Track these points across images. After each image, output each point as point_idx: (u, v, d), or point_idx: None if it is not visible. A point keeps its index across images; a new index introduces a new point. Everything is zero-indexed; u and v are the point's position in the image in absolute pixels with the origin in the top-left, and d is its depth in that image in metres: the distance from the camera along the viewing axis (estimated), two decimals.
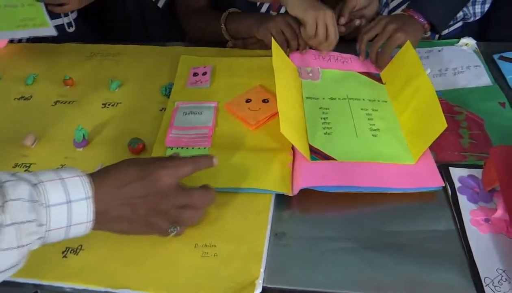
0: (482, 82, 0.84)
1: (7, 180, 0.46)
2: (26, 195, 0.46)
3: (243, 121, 0.79)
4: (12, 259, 0.45)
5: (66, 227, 0.49)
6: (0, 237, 0.43)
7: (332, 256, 0.60)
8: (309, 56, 0.90)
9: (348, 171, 0.67)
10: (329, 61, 0.90)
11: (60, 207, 0.48)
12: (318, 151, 0.71)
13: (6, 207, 0.44)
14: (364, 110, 0.79)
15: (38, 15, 0.94)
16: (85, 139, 0.76)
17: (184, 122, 0.79)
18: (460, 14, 0.98)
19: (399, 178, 0.67)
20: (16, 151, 0.77)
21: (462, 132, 0.74)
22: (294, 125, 0.72)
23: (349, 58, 0.91)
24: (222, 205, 0.66)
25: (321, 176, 0.67)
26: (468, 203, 0.65)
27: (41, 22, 0.94)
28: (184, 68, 0.92)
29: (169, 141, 0.75)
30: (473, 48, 0.92)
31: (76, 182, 0.50)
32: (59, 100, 0.89)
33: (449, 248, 0.61)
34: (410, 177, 0.67)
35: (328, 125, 0.76)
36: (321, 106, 0.80)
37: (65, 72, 0.94)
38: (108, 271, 0.59)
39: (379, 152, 0.71)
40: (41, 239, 0.48)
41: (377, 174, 0.67)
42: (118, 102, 0.87)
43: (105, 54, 1.00)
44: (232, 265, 0.59)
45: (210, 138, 0.76)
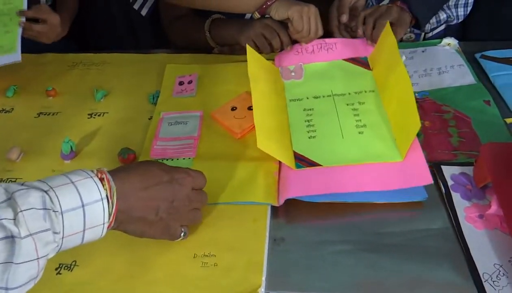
0: (466, 81, 0.85)
1: (17, 190, 0.44)
2: (39, 203, 0.44)
3: (228, 130, 0.78)
4: (32, 271, 0.43)
5: (82, 232, 0.47)
6: (19, 249, 0.41)
7: (332, 259, 0.60)
8: (291, 51, 0.89)
9: (333, 176, 0.67)
10: (313, 53, 0.88)
11: (75, 211, 0.46)
12: (303, 157, 0.70)
13: (20, 218, 0.42)
14: (350, 105, 0.77)
15: (9, 41, 0.88)
16: (72, 151, 0.74)
17: (169, 133, 0.78)
18: (443, 17, 1.00)
19: (386, 178, 0.66)
20: (1, 165, 0.75)
21: (451, 131, 0.76)
22: (275, 135, 0.71)
23: (334, 43, 0.89)
24: (219, 213, 0.65)
25: (306, 185, 0.66)
26: (462, 200, 0.66)
27: (8, 49, 0.88)
28: (170, 77, 0.91)
29: (154, 153, 0.74)
30: (455, 48, 0.93)
31: (89, 183, 0.48)
32: (43, 112, 0.86)
33: (446, 246, 0.61)
34: (398, 176, 0.66)
35: (313, 128, 0.75)
36: (305, 107, 0.79)
37: (47, 83, 0.91)
38: (104, 286, 0.58)
39: (366, 152, 0.70)
40: (57, 247, 0.46)
41: (364, 177, 0.67)
42: (104, 112, 0.85)
43: (88, 64, 0.98)
44: (233, 274, 0.58)
45: (195, 149, 0.75)
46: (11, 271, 0.41)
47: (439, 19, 1.00)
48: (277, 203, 0.65)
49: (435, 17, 1.00)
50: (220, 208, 0.66)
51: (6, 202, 0.43)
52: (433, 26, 1.01)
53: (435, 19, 1.00)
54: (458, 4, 1.00)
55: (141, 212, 0.53)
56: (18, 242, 0.42)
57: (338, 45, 0.89)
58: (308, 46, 0.88)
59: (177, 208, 0.56)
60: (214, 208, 0.66)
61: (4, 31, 0.88)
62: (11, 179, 0.73)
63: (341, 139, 0.72)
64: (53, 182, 0.47)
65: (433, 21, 1.00)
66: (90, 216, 0.47)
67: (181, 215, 0.58)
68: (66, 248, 0.48)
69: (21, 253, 0.42)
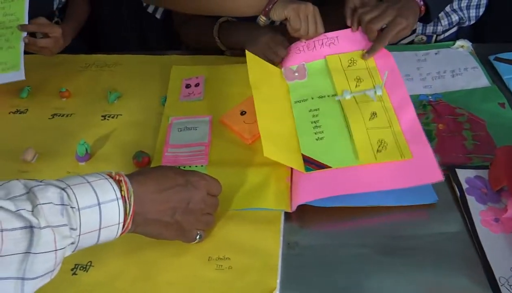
0: (480, 84, 0.85)
1: (35, 185, 0.45)
2: (56, 199, 0.45)
3: (239, 135, 0.77)
4: (49, 263, 0.44)
5: (98, 230, 0.48)
6: (37, 239, 0.42)
7: (346, 263, 0.60)
8: (293, 50, 0.86)
9: (343, 178, 0.66)
10: (314, 49, 0.86)
11: (91, 209, 0.47)
12: (312, 160, 0.70)
13: (39, 210, 0.43)
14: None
15: (12, 58, 0.86)
16: (87, 153, 0.75)
17: (179, 140, 0.77)
18: (455, 19, 0.99)
19: (397, 177, 0.65)
20: (16, 166, 0.75)
21: (466, 134, 0.75)
22: (282, 141, 0.71)
23: (336, 37, 0.85)
24: (233, 217, 0.65)
25: (317, 188, 0.66)
26: (477, 203, 0.65)
27: (11, 66, 0.85)
28: (176, 80, 0.90)
29: (166, 161, 0.74)
30: (469, 50, 0.93)
31: (104, 184, 0.49)
32: (56, 113, 0.87)
33: (461, 250, 0.61)
34: (409, 174, 0.65)
35: (320, 129, 0.74)
36: (310, 108, 0.77)
37: (61, 84, 0.92)
38: (119, 288, 0.58)
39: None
40: (73, 244, 0.47)
41: (374, 177, 0.66)
42: (118, 114, 0.85)
43: (100, 65, 0.99)
44: (248, 277, 0.58)
45: (206, 156, 0.75)
46: (29, 261, 0.42)
47: (451, 21, 0.99)
48: (290, 209, 0.65)
49: (447, 19, 0.99)
50: (234, 212, 0.66)
51: (25, 195, 0.44)
52: (445, 28, 1.01)
53: (447, 21, 0.99)
54: (470, 5, 0.99)
55: (157, 214, 0.54)
56: (37, 232, 0.42)
57: (340, 39, 0.85)
58: (310, 42, 0.86)
59: (192, 210, 0.57)
60: (228, 211, 0.66)
61: (7, 46, 0.86)
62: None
63: (348, 139, 0.71)
64: (70, 181, 0.48)
65: (445, 23, 1.00)
66: (106, 214, 0.48)
67: (196, 218, 0.58)
68: (82, 247, 0.48)
69: (40, 243, 0.42)
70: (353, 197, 0.66)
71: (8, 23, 0.87)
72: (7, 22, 0.87)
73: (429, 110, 0.80)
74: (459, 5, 1.00)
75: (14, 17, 0.87)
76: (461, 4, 1.00)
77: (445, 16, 0.99)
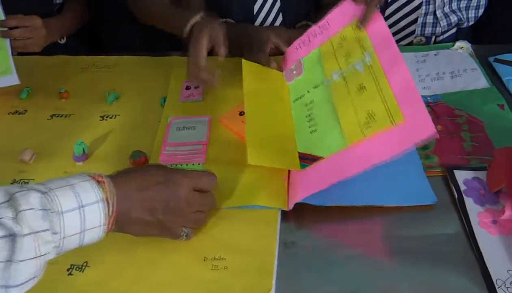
0: (479, 85, 0.85)
1: (17, 191, 0.45)
2: (38, 204, 0.45)
3: (237, 135, 0.77)
4: (32, 269, 0.44)
5: (80, 233, 0.48)
6: (19, 247, 0.42)
7: (343, 263, 0.60)
8: (291, 50, 0.85)
9: (336, 163, 0.64)
10: (310, 43, 0.82)
11: (73, 212, 0.47)
12: (306, 155, 0.68)
13: (21, 216, 0.43)
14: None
15: (1, 62, 0.84)
16: (85, 153, 0.75)
17: (177, 138, 0.78)
18: (454, 20, 0.99)
19: (390, 145, 0.60)
20: (14, 166, 0.76)
21: (464, 136, 0.75)
22: (275, 144, 0.70)
23: (326, 22, 0.80)
24: (229, 216, 0.65)
25: (312, 182, 0.64)
26: (475, 205, 0.65)
27: (2, 71, 0.84)
28: (177, 82, 0.90)
29: (163, 159, 0.74)
30: (468, 52, 0.93)
31: (86, 187, 0.49)
32: (55, 114, 0.87)
33: (459, 251, 0.61)
34: (402, 138, 0.60)
35: (313, 121, 0.72)
36: (306, 102, 0.75)
37: (60, 85, 0.92)
38: (115, 288, 0.58)
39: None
40: (56, 248, 0.47)
41: (367, 152, 0.62)
42: (116, 115, 0.85)
43: (100, 66, 0.99)
44: (244, 277, 0.58)
45: (204, 154, 0.75)
46: (12, 269, 0.42)
47: (450, 22, 0.99)
48: (287, 207, 0.65)
49: (446, 20, 0.99)
50: (230, 211, 0.66)
51: (7, 203, 0.44)
52: (444, 29, 1.00)
53: (446, 22, 0.99)
54: (470, 6, 0.99)
55: (138, 213, 0.54)
56: (20, 240, 0.42)
57: (330, 21, 0.80)
58: (304, 37, 0.83)
59: (174, 209, 0.56)
60: (224, 210, 0.66)
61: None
62: (24, 179, 0.73)
63: (337, 121, 0.68)
64: (52, 184, 0.48)
65: (444, 24, 0.99)
66: (88, 217, 0.48)
67: (181, 216, 0.58)
68: (67, 249, 0.49)
69: (22, 251, 0.42)
70: (351, 196, 0.65)
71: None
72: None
73: (428, 111, 0.80)
74: (458, 6, 1.00)
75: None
76: (460, 5, 0.99)
77: (444, 17, 0.99)
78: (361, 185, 0.67)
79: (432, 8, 0.98)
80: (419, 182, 0.68)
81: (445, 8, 0.97)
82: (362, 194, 0.66)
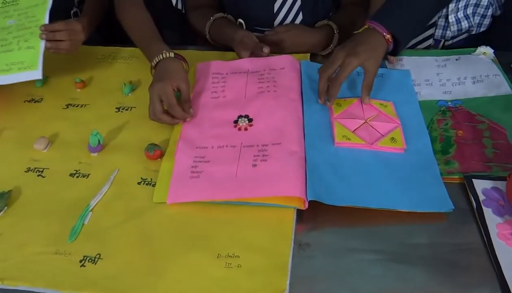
0: (502, 91, 0.83)
1: None
2: None
3: None
4: None
5: None
6: None
7: (359, 268, 0.59)
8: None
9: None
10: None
11: None
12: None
13: None
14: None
15: (30, 58, 0.84)
16: (100, 144, 0.74)
17: None
18: (465, 26, 0.97)
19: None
20: (28, 154, 0.75)
21: (485, 142, 0.73)
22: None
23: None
24: (244, 214, 0.64)
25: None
26: (494, 216, 0.64)
27: (29, 65, 0.84)
28: (192, 76, 0.89)
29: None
30: (491, 57, 0.91)
31: None
32: (71, 104, 0.87)
33: (476, 262, 0.60)
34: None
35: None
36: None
37: (76, 74, 0.92)
38: (127, 281, 0.58)
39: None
40: None
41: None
42: (132, 107, 0.85)
43: (116, 57, 0.98)
44: (257, 276, 0.57)
45: None
46: None
47: (460, 28, 0.97)
48: (303, 206, 0.64)
49: (457, 26, 0.97)
50: (245, 208, 0.65)
51: None
52: (454, 34, 0.98)
53: (456, 27, 0.97)
54: (483, 14, 0.97)
55: None
56: None
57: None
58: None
59: None
60: (239, 208, 0.65)
61: (25, 46, 0.85)
62: (38, 168, 0.73)
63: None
64: None
65: (455, 29, 0.97)
66: None
67: None
68: None
69: None
70: (365, 198, 0.65)
71: (28, 24, 0.88)
72: (27, 23, 0.88)
73: (449, 116, 0.79)
74: (473, 11, 0.97)
75: (35, 18, 0.88)
76: (467, 12, 0.96)
77: (456, 22, 0.96)
78: (376, 188, 0.67)
79: (445, 12, 0.96)
80: (436, 188, 0.67)
81: (459, 14, 0.95)
82: (377, 197, 0.65)
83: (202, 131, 0.77)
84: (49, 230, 0.63)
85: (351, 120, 0.77)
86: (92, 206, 0.67)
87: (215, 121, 0.78)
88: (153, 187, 0.69)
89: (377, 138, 0.74)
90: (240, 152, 0.72)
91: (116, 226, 0.64)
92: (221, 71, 0.89)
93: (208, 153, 0.73)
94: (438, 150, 0.73)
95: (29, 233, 0.63)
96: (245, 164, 0.70)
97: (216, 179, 0.68)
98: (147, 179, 0.70)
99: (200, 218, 0.64)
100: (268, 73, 0.86)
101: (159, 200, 0.67)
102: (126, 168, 0.72)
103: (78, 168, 0.73)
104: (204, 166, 0.70)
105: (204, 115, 0.80)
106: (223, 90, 0.85)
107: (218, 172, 0.69)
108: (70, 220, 0.64)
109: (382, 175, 0.69)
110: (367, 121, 0.77)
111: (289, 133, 0.74)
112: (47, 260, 0.60)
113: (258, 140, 0.74)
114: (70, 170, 0.72)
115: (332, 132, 0.75)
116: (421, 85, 0.86)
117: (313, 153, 0.71)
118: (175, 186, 0.68)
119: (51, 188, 0.70)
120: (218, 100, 0.83)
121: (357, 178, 0.68)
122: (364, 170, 0.69)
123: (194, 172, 0.69)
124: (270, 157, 0.71)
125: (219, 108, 0.81)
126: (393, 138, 0.73)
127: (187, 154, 0.72)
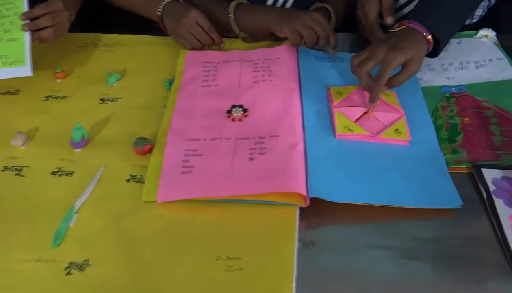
0: (507, 76, 0.80)
1: None
2: None
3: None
4: None
5: None
6: None
7: (367, 266, 0.56)
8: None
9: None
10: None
11: None
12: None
13: None
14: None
15: (15, 52, 0.77)
16: (84, 139, 0.69)
17: None
18: None
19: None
20: (5, 152, 0.70)
21: (493, 129, 0.70)
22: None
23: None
24: (243, 212, 0.60)
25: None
26: (506, 207, 0.61)
27: (14, 60, 0.77)
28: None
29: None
30: (493, 40, 0.88)
31: None
32: (51, 95, 0.81)
33: (489, 256, 0.57)
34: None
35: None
36: None
37: (56, 64, 0.86)
38: (120, 288, 0.53)
39: None
40: None
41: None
42: (117, 98, 0.79)
43: (98, 44, 0.92)
44: (260, 280, 0.53)
45: None
46: None
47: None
48: (305, 203, 0.60)
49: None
50: (243, 206, 0.61)
51: None
52: None
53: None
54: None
55: None
56: None
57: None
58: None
59: None
60: (237, 205, 0.61)
61: (7, 38, 0.78)
62: (16, 167, 0.67)
63: None
64: None
65: None
66: None
67: None
68: None
69: None
70: (370, 195, 0.62)
71: (5, 12, 0.80)
72: (4, 11, 0.80)
73: (453, 103, 0.75)
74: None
75: (13, 5, 0.80)
76: None
77: None
78: (381, 184, 0.63)
79: None
80: (444, 183, 0.64)
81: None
82: (383, 193, 0.62)
83: (192, 122, 0.72)
84: (29, 235, 0.58)
85: (352, 109, 0.73)
86: (77, 207, 0.61)
87: (206, 111, 0.74)
88: (143, 184, 0.64)
89: (381, 129, 0.70)
90: (235, 145, 0.67)
91: (105, 229, 0.58)
92: (213, 60, 0.84)
93: (200, 146, 0.68)
94: (444, 138, 0.69)
95: (7, 239, 0.58)
96: (241, 158, 0.65)
97: (210, 174, 0.63)
98: (137, 176, 0.65)
99: (196, 218, 0.60)
100: (263, 62, 0.82)
101: (149, 199, 0.62)
102: (113, 164, 0.67)
103: (61, 166, 0.67)
104: (197, 159, 0.66)
105: (195, 105, 0.75)
106: (214, 78, 0.80)
107: (212, 167, 0.64)
108: (53, 224, 0.59)
109: (387, 170, 0.65)
110: (369, 111, 0.72)
111: (287, 124, 0.70)
112: (28, 269, 0.54)
113: (255, 133, 0.69)
114: (52, 168, 0.67)
115: (333, 122, 0.71)
116: (423, 70, 0.82)
117: (314, 146, 0.67)
118: (165, 183, 0.63)
119: (31, 188, 0.64)
120: (209, 89, 0.78)
121: (361, 173, 0.64)
122: (368, 164, 0.66)
123: (186, 167, 0.64)
124: (268, 150, 0.66)
125: (210, 97, 0.76)
126: (397, 129, 0.69)
127: (178, 147, 0.68)
